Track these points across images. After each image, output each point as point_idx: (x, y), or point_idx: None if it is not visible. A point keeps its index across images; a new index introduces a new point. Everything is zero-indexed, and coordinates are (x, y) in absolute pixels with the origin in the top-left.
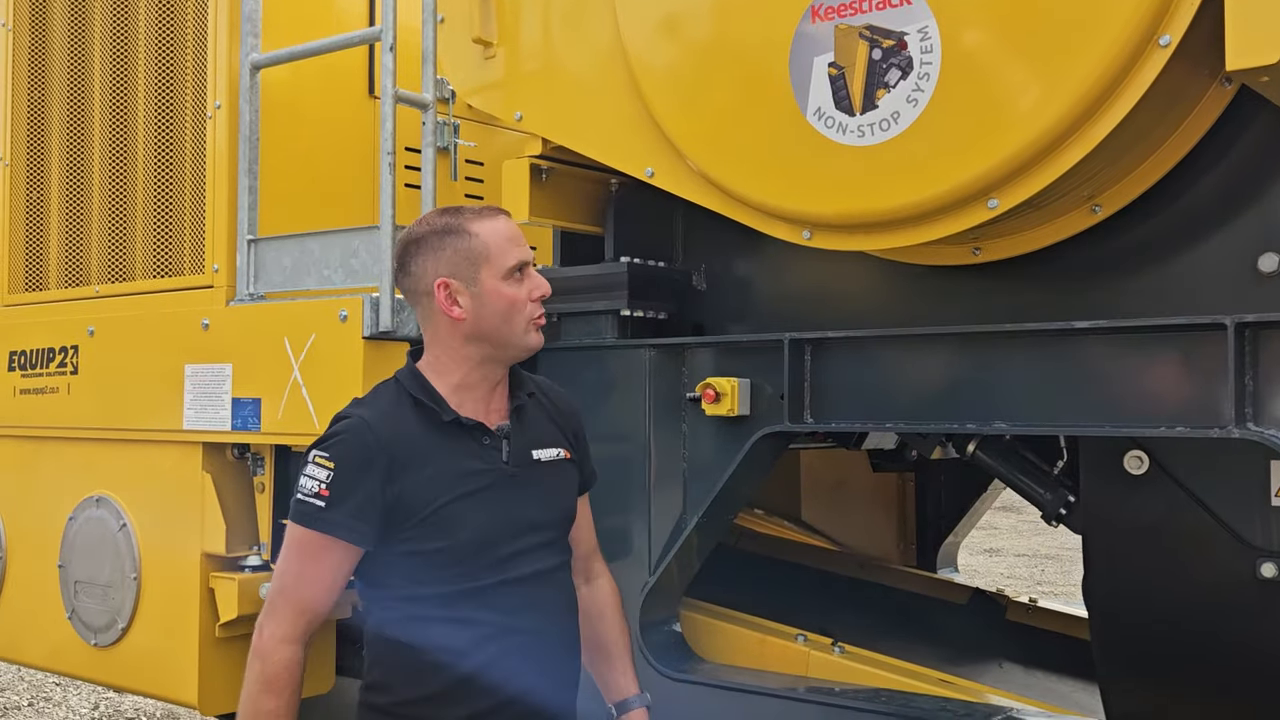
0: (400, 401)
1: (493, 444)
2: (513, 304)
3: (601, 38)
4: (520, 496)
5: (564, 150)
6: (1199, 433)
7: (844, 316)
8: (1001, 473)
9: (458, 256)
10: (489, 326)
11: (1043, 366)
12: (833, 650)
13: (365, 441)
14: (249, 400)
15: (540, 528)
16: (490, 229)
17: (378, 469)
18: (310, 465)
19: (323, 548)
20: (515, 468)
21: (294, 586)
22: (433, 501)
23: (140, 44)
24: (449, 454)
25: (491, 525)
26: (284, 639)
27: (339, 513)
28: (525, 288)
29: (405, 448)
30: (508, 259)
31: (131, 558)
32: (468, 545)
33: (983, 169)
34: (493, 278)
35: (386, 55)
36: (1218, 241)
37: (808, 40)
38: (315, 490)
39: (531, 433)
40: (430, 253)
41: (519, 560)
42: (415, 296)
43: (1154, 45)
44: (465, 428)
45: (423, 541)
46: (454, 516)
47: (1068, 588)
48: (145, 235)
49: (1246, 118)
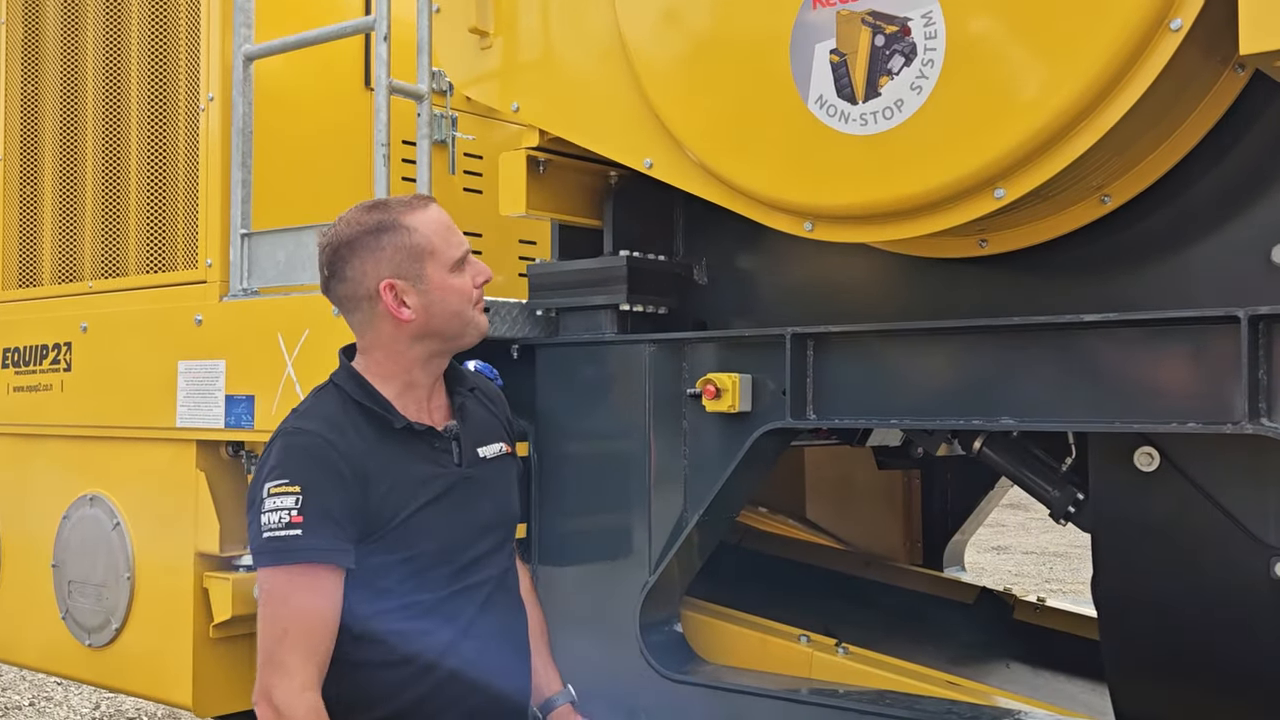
0: (346, 409)
1: (442, 446)
2: (462, 295)
3: (600, 27)
4: (474, 499)
5: (562, 142)
6: (1211, 428)
7: (848, 311)
8: (1008, 470)
9: (400, 254)
10: (440, 323)
11: (1051, 361)
12: (836, 651)
13: (324, 455)
14: (242, 397)
15: (492, 529)
16: (426, 221)
17: (343, 481)
18: (269, 499)
19: (312, 579)
20: (468, 469)
21: (292, 631)
22: (398, 513)
23: (133, 36)
24: (404, 462)
25: (452, 532)
26: (303, 687)
27: (320, 537)
28: (468, 276)
29: (362, 458)
30: (452, 250)
31: (125, 557)
32: (429, 555)
33: (989, 158)
34: (439, 271)
35: (380, 45)
36: (1230, 232)
37: (809, 27)
38: (285, 521)
39: (476, 430)
40: (368, 253)
41: (477, 566)
42: (354, 302)
43: (1165, 29)
44: (416, 433)
45: (385, 554)
46: (418, 527)
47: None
48: (138, 230)
49: (1259, 105)
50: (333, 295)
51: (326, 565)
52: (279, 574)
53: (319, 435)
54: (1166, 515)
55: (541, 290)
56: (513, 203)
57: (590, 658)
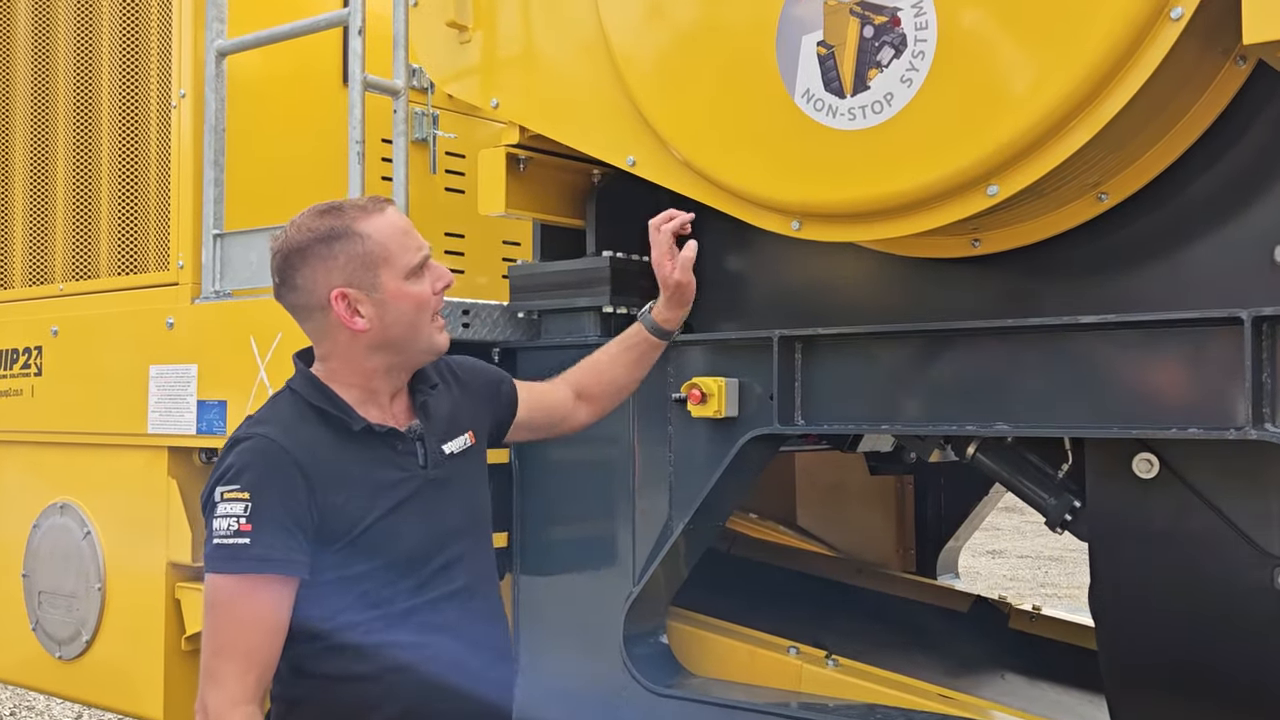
0: (303, 415)
1: (406, 448)
2: (419, 304)
3: (581, 21)
4: (443, 500)
5: (543, 139)
6: (1213, 434)
7: (837, 313)
8: (1003, 477)
9: (353, 262)
10: (395, 334)
11: (1047, 364)
12: (826, 663)
13: (279, 461)
14: (214, 403)
15: (463, 533)
16: (381, 226)
17: (298, 488)
18: (221, 505)
19: (256, 589)
20: (434, 470)
21: (233, 642)
22: (359, 521)
23: (104, 32)
24: (365, 467)
25: (420, 537)
26: (234, 701)
27: (267, 546)
28: (428, 283)
29: (319, 464)
30: (408, 257)
31: (96, 567)
32: (398, 563)
33: (982, 153)
34: (394, 279)
35: (355, 40)
36: (1231, 232)
37: (795, 18)
38: (234, 529)
39: (440, 426)
40: (319, 261)
41: (448, 573)
42: (306, 311)
43: (1165, 18)
44: (378, 436)
45: (349, 566)
46: (383, 534)
47: (1072, 590)
48: (110, 230)
49: (1262, 99)
50: (285, 303)
51: (274, 575)
52: (224, 582)
53: (272, 440)
54: (1166, 524)
55: (523, 292)
56: (492, 202)
57: (572, 670)
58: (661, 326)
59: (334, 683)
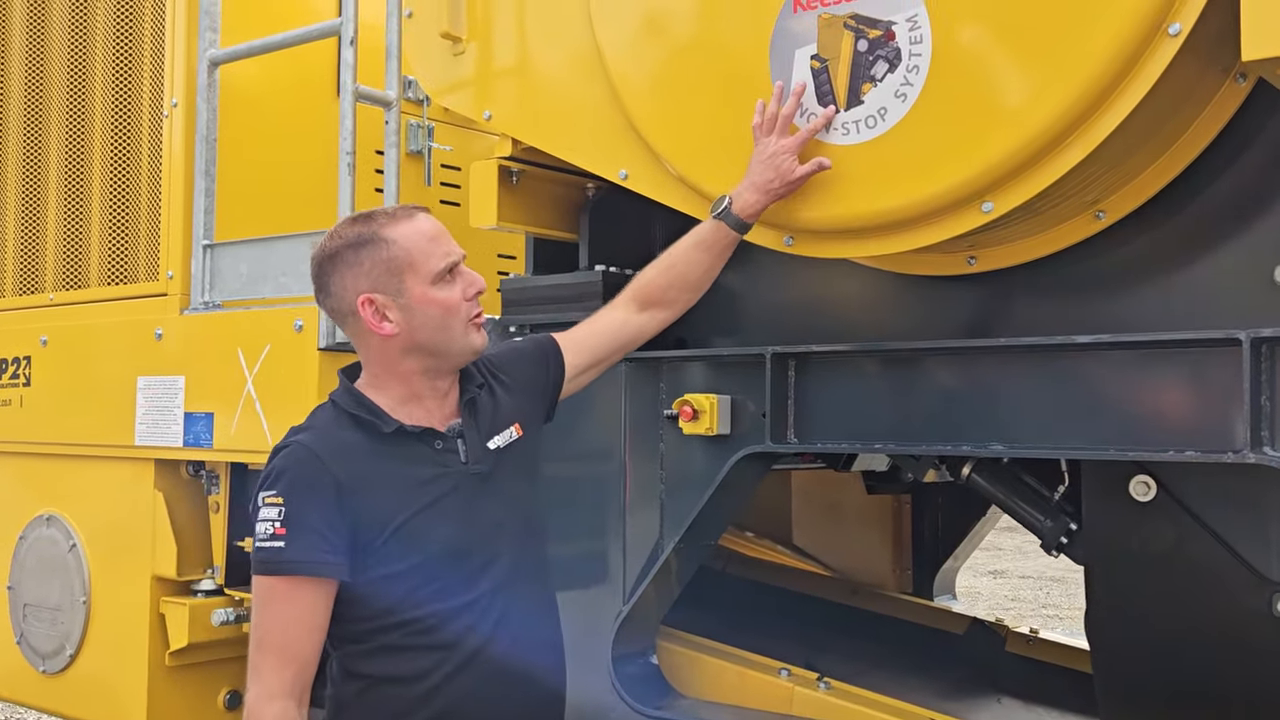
0: (339, 421)
1: (447, 446)
2: (447, 309)
3: (575, 33)
4: (485, 496)
5: (536, 152)
6: (1211, 457)
7: (831, 330)
8: (998, 498)
9: (378, 268)
10: (425, 337)
11: (1043, 384)
12: (818, 686)
13: (308, 467)
14: (201, 415)
15: (505, 526)
16: (408, 232)
17: (328, 492)
18: (262, 509)
19: (293, 591)
20: (476, 465)
21: (271, 638)
22: (391, 520)
23: (98, 41)
24: (400, 467)
25: (462, 533)
26: (271, 695)
27: (300, 549)
28: (458, 288)
29: (352, 467)
30: (433, 262)
31: (81, 580)
32: (438, 561)
33: (977, 169)
34: (420, 285)
35: (347, 50)
36: (1230, 251)
37: (789, 32)
38: (271, 533)
39: (485, 422)
40: (347, 268)
41: (493, 567)
42: (340, 317)
43: (1163, 34)
44: (413, 436)
45: (388, 565)
46: (417, 532)
47: (1073, 611)
48: (101, 240)
49: (1261, 118)
50: (324, 309)
51: (307, 577)
52: (264, 582)
53: (305, 447)
54: (1163, 548)
55: (515, 306)
56: (484, 214)
57: None
58: (745, 221)
59: (381, 683)
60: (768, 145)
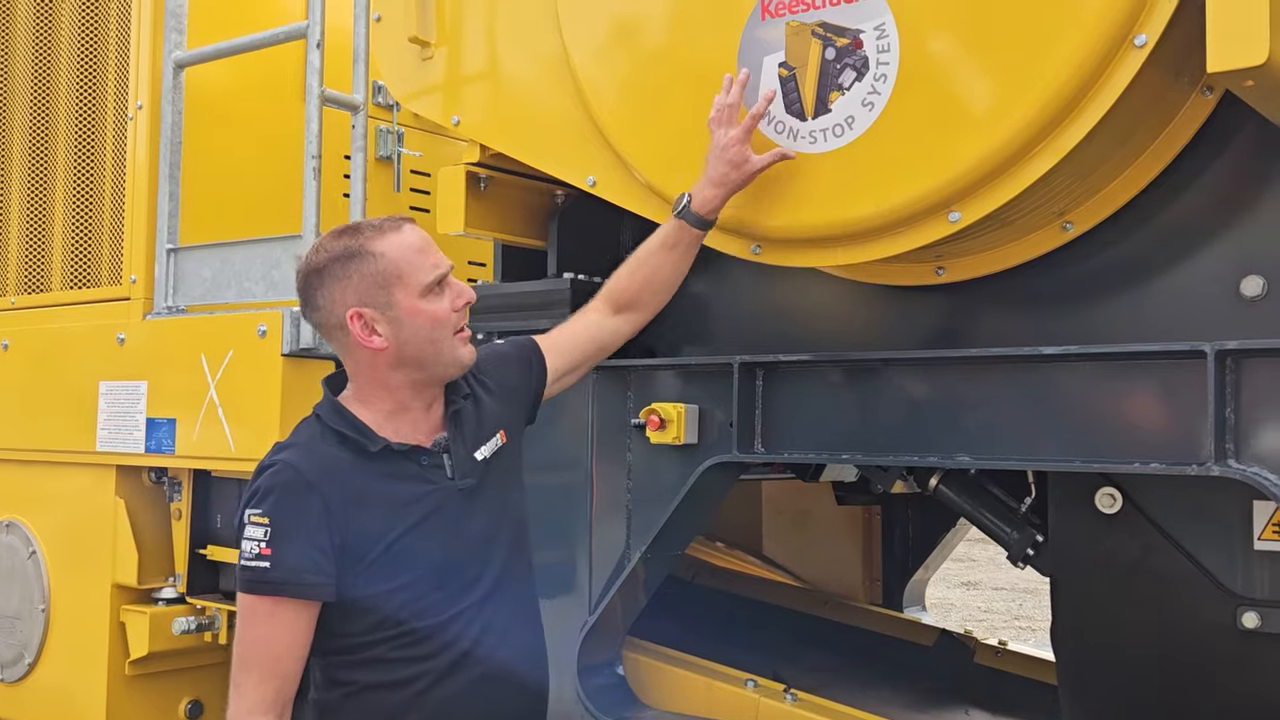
0: (324, 438)
1: (433, 462)
2: (435, 321)
3: (544, 40)
4: (474, 508)
5: (504, 158)
6: (1176, 469)
7: (799, 340)
8: (965, 509)
9: (366, 282)
10: (414, 351)
11: (1010, 396)
12: (785, 697)
13: (296, 487)
14: (163, 421)
15: (493, 538)
16: (396, 245)
17: (314, 512)
18: (247, 527)
19: (277, 610)
20: (462, 479)
21: (253, 655)
22: (379, 540)
23: (62, 43)
24: (387, 485)
25: (450, 549)
26: (251, 710)
27: (285, 570)
28: (447, 300)
29: (338, 486)
30: (421, 274)
31: (40, 588)
32: (428, 577)
33: (944, 178)
34: (409, 297)
35: (313, 53)
36: (1197, 263)
37: (758, 40)
38: (256, 552)
39: (471, 432)
40: (335, 282)
41: (481, 580)
42: (328, 331)
43: (1129, 45)
44: (399, 454)
45: (375, 584)
46: (405, 551)
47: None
48: (64, 243)
49: (1228, 130)
50: (310, 323)
51: (290, 598)
52: (247, 600)
53: (292, 467)
54: (1129, 560)
55: (483, 313)
56: (451, 221)
57: None
58: (706, 217)
59: (368, 689)
60: (720, 138)
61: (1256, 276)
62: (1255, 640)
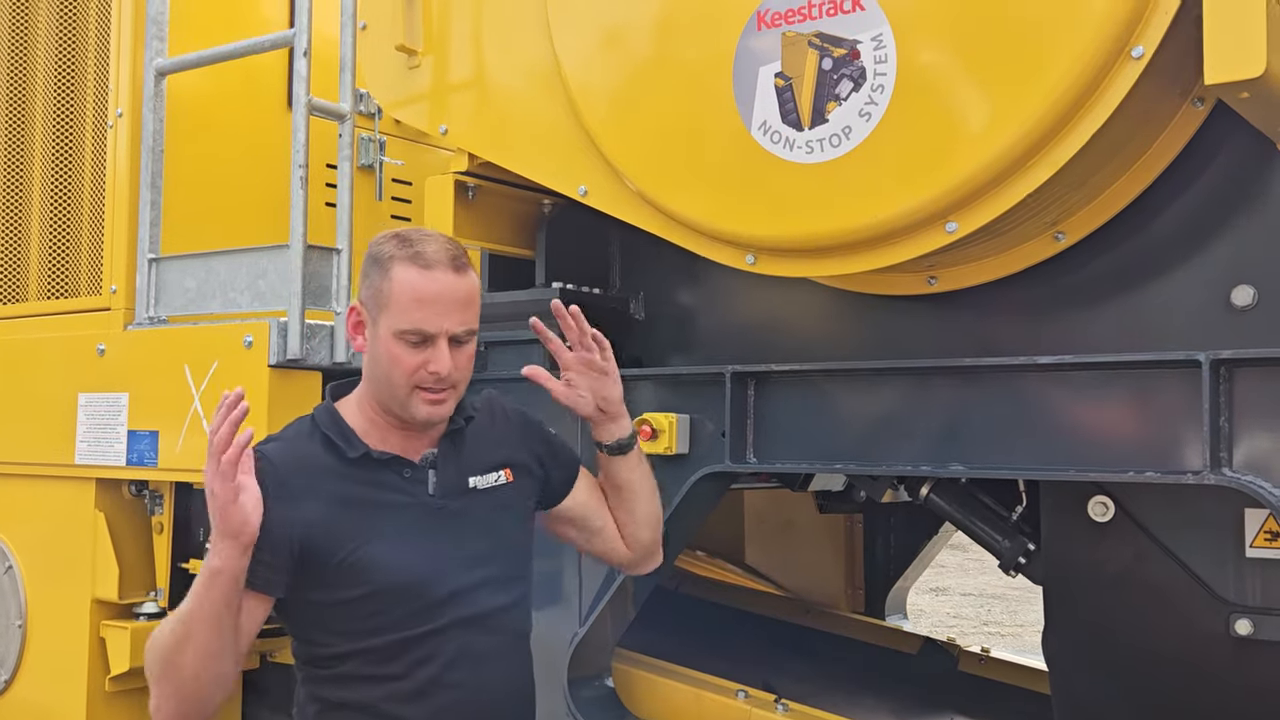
0: (311, 437)
1: (415, 476)
2: (395, 363)
3: (534, 48)
4: (455, 530)
5: (493, 167)
6: (1171, 478)
7: (791, 349)
8: (956, 518)
9: (371, 291)
10: (378, 374)
11: (1003, 405)
12: (775, 708)
13: (263, 478)
14: (146, 433)
15: (482, 562)
16: (407, 280)
17: (279, 504)
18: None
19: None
20: (444, 499)
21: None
22: (345, 544)
23: (39, 47)
24: (363, 492)
25: (419, 566)
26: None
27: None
28: (419, 356)
29: (311, 484)
30: (401, 321)
31: (17, 603)
32: (393, 590)
33: (941, 189)
34: (386, 329)
35: (300, 61)
36: (1188, 273)
37: (753, 49)
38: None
39: (469, 459)
40: (363, 275)
41: (453, 603)
42: None
43: (1126, 57)
44: (380, 462)
45: (340, 590)
46: (371, 560)
47: (1015, 628)
48: (40, 252)
49: (1218, 142)
50: None
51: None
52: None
53: (265, 458)
54: (1121, 568)
55: None
56: (439, 229)
57: None
58: (606, 442)
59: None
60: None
61: (1247, 286)
62: (1248, 647)
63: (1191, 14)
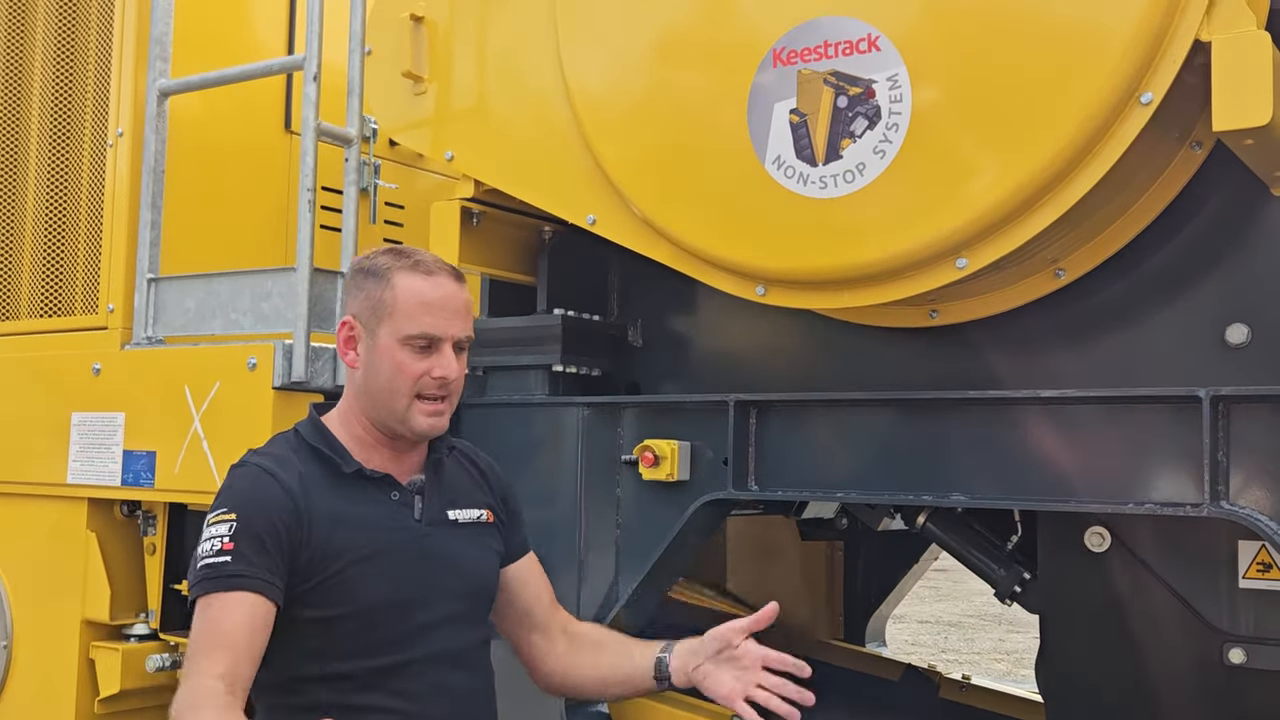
0: (299, 451)
1: (403, 500)
2: (398, 369)
3: (543, 76)
4: (435, 559)
5: (495, 193)
6: (1170, 511)
7: (788, 378)
8: (953, 547)
9: (368, 302)
10: (375, 386)
11: (1002, 436)
12: None
13: (266, 486)
14: (142, 453)
15: (459, 596)
16: (410, 287)
17: (284, 513)
18: (209, 527)
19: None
20: (429, 527)
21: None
22: (334, 562)
23: (36, 66)
24: (354, 509)
25: (401, 591)
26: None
27: (248, 564)
28: (425, 363)
29: (310, 496)
30: (410, 325)
31: (2, 624)
32: (374, 613)
33: (953, 226)
34: (389, 336)
35: (309, 85)
36: (1184, 311)
37: (769, 85)
38: (218, 548)
39: (449, 491)
40: (352, 289)
41: (432, 634)
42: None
43: (1135, 102)
44: (371, 481)
45: (321, 607)
46: (357, 580)
47: (971, 656)
48: (33, 270)
49: (1214, 185)
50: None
51: (248, 593)
52: (204, 601)
53: (260, 467)
54: (1117, 598)
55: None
56: (445, 256)
57: None
58: (671, 676)
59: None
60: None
61: (1241, 325)
62: (1241, 676)
63: (1194, 62)
